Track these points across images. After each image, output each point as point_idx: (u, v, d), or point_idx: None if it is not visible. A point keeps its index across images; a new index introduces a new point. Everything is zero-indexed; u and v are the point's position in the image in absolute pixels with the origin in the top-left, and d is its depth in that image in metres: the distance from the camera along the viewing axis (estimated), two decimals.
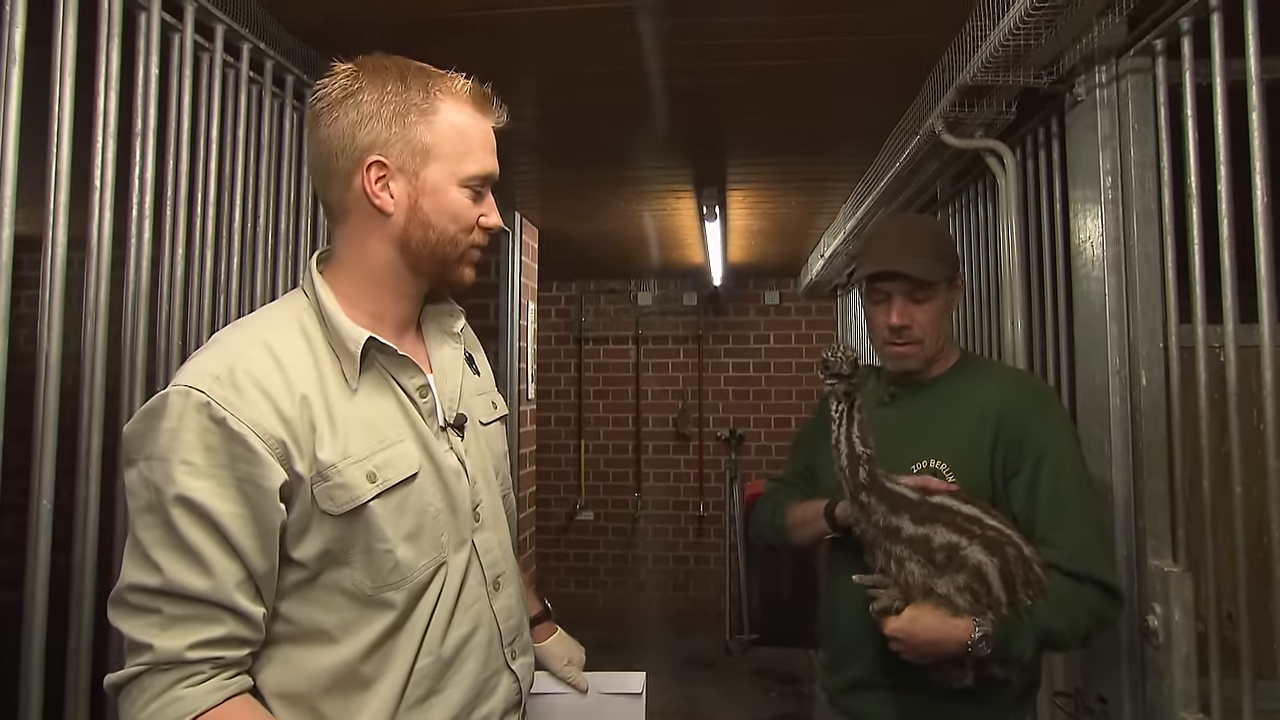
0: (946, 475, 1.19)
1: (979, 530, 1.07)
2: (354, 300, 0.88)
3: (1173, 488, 1.30)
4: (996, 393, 1.24)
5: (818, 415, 1.43)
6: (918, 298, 1.23)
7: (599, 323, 5.11)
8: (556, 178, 2.81)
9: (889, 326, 1.23)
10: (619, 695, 1.10)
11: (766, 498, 1.45)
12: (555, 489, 5.08)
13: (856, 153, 2.30)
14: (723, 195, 2.76)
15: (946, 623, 1.06)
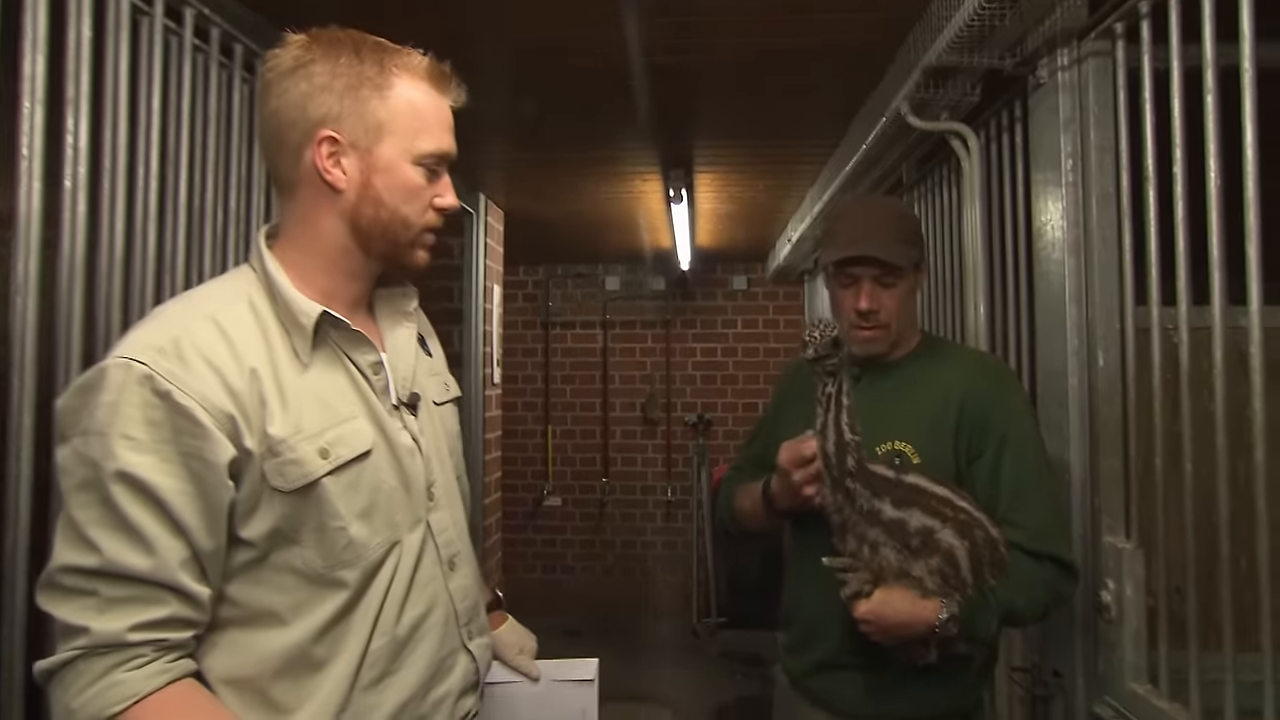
0: (911, 457, 1.20)
1: (951, 513, 1.09)
2: (305, 276, 0.86)
3: (1127, 467, 1.33)
4: (960, 375, 1.25)
5: (774, 399, 1.44)
6: (886, 282, 1.23)
7: (566, 307, 5.07)
8: (522, 158, 2.76)
9: (857, 311, 1.23)
10: (571, 682, 1.10)
11: (724, 484, 1.45)
12: (522, 475, 5.05)
13: (824, 135, 2.30)
14: (690, 178, 2.75)
15: (916, 604, 1.07)
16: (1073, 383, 1.43)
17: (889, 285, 1.23)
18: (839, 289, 1.27)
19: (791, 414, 1.33)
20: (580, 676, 1.10)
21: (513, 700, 1.08)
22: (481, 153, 2.68)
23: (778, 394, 1.45)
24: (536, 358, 5.09)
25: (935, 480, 1.13)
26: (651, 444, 5.02)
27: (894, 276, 1.23)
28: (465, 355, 3.03)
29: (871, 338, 1.25)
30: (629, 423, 5.03)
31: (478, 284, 3.05)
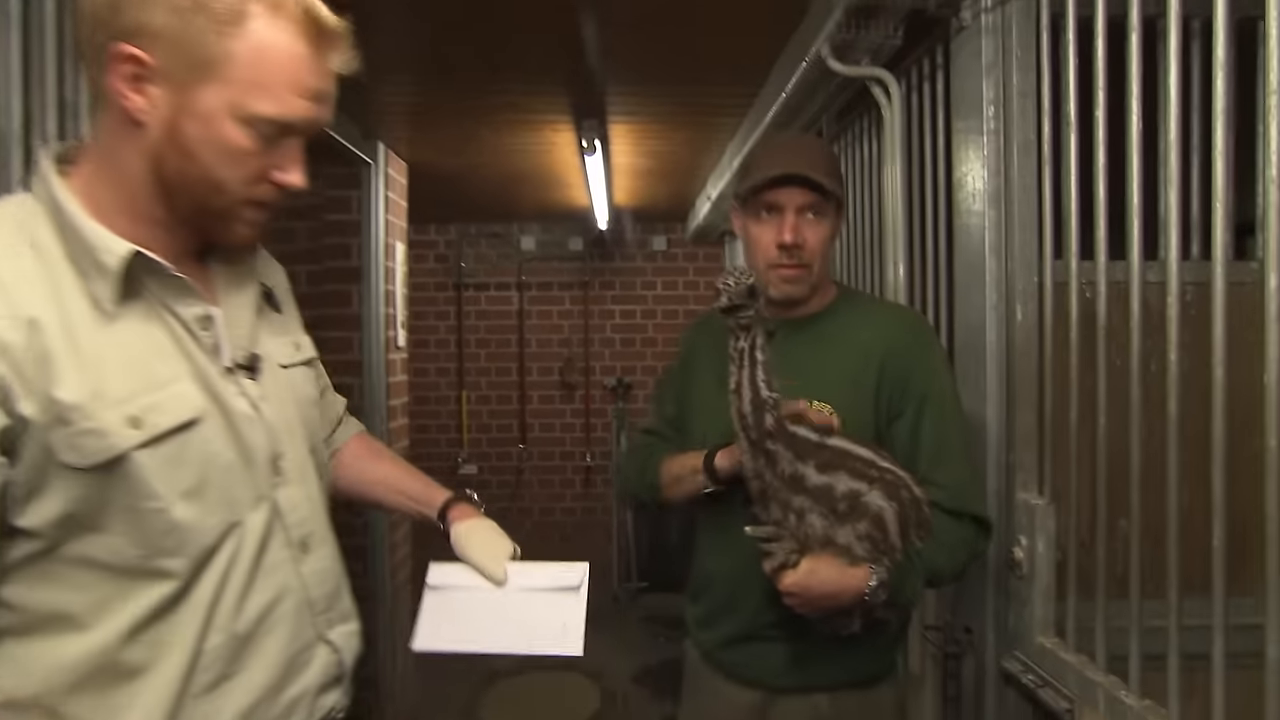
0: (831, 415, 1.13)
1: (876, 474, 1.03)
2: (105, 214, 0.70)
3: (1042, 422, 1.31)
4: (879, 332, 1.19)
5: (682, 356, 1.34)
6: (813, 214, 1.15)
7: (480, 268, 4.85)
8: (424, 104, 2.54)
9: (779, 244, 1.14)
10: (550, 591, 0.89)
11: (635, 451, 1.34)
12: (436, 443, 4.86)
13: (744, 82, 2.20)
14: (604, 129, 2.60)
15: (844, 573, 1.02)
16: (991, 338, 1.40)
17: (816, 218, 1.15)
18: (757, 224, 1.18)
19: (703, 371, 1.25)
20: (562, 584, 0.90)
21: (473, 610, 0.89)
22: (379, 96, 2.45)
23: (686, 348, 1.34)
24: (449, 321, 4.87)
25: (857, 441, 1.07)
26: (570, 409, 4.91)
27: (821, 209, 1.16)
28: (366, 317, 2.82)
29: (794, 276, 1.16)
30: (547, 387, 4.90)
31: (377, 241, 2.83)
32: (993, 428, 1.40)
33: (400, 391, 3.04)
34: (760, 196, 1.16)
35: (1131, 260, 1.06)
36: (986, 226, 1.39)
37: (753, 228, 1.19)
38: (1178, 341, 0.99)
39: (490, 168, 3.37)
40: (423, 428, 4.83)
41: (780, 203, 1.14)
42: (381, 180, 2.83)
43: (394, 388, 2.93)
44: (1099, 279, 1.14)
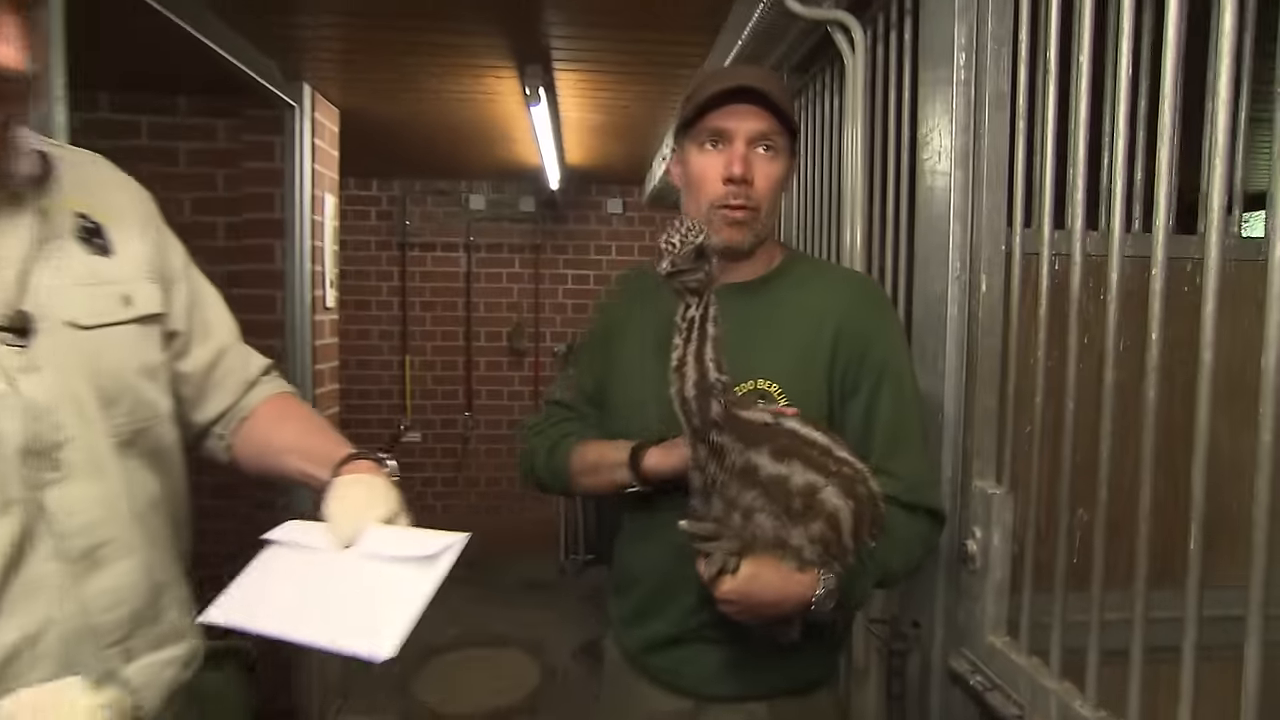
0: (779, 398, 1.00)
1: (834, 466, 0.88)
2: None
3: (1003, 404, 1.20)
4: (834, 299, 1.05)
5: (605, 320, 1.18)
6: (767, 145, 1.01)
7: (426, 227, 4.61)
8: (354, 42, 2.31)
9: (727, 178, 0.99)
10: (400, 563, 0.72)
11: (542, 427, 1.17)
12: (377, 409, 4.65)
13: (701, 29, 2.02)
14: (549, 76, 2.40)
15: (789, 580, 0.89)
16: (952, 311, 1.28)
17: (769, 154, 1.01)
18: (700, 154, 1.02)
19: (630, 337, 1.10)
20: (419, 552, 0.74)
21: (298, 580, 0.71)
22: (301, 32, 2.21)
23: (608, 312, 1.17)
24: (393, 281, 4.63)
25: (811, 424, 0.93)
26: (518, 376, 4.74)
27: (775, 144, 1.01)
28: (290, 274, 2.60)
29: (741, 219, 1.01)
30: (494, 353, 4.71)
31: (303, 192, 2.59)
32: (950, 409, 1.29)
33: (329, 355, 2.83)
34: (705, 122, 1.00)
35: (1112, 231, 0.94)
36: (952, 188, 1.26)
37: (695, 160, 1.02)
38: (1161, 320, 0.88)
39: (432, 117, 3.14)
40: (364, 393, 4.62)
41: (729, 129, 0.99)
42: (307, 125, 2.58)
43: (321, 351, 2.73)
44: (1073, 250, 1.02)
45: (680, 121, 1.05)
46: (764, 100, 0.99)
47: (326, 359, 2.81)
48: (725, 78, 1.00)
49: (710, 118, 1.00)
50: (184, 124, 2.62)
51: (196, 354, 0.87)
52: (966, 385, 1.27)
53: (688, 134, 1.04)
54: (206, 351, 0.88)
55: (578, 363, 1.19)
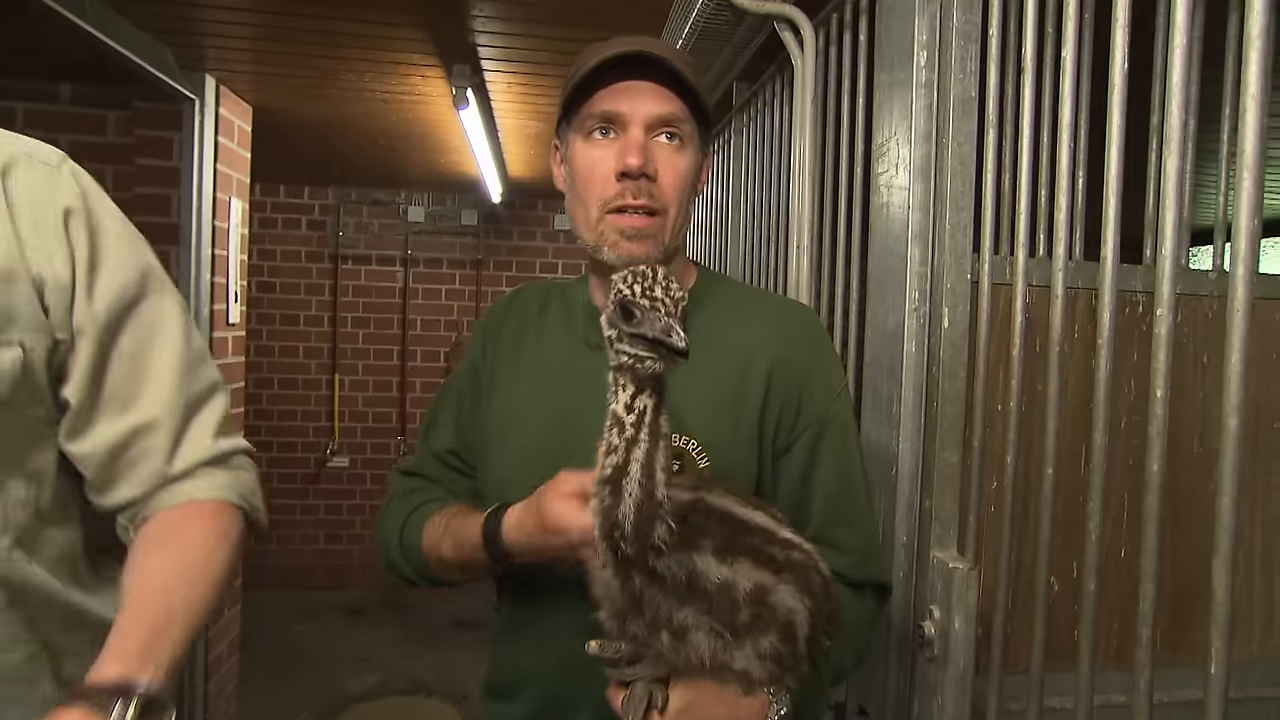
0: (699, 459, 0.80)
1: (781, 554, 0.68)
2: None
3: (967, 460, 1.02)
4: (764, 333, 0.85)
5: (474, 360, 0.94)
6: (667, 136, 0.80)
7: (360, 239, 4.34)
8: (260, 29, 2.07)
9: (621, 172, 0.78)
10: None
11: (392, 505, 0.92)
12: (303, 431, 4.33)
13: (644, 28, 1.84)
14: (478, 77, 2.20)
15: (734, 708, 0.67)
16: (910, 348, 1.10)
17: (674, 144, 0.80)
18: (587, 147, 0.81)
19: (520, 386, 0.88)
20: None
21: None
22: (202, 15, 1.96)
23: (487, 347, 0.94)
24: (323, 296, 4.33)
25: (741, 497, 0.72)
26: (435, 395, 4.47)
27: (682, 130, 0.81)
28: (184, 286, 2.32)
29: (641, 227, 0.80)
30: (431, 374, 4.44)
31: (203, 194, 2.33)
32: (905, 464, 1.11)
33: (230, 377, 2.54)
34: (591, 105, 0.79)
35: (1105, 260, 0.77)
36: (911, 206, 1.09)
37: (580, 153, 0.81)
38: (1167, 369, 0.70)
39: (361, 121, 2.90)
40: (287, 414, 4.30)
41: (621, 112, 0.79)
42: (210, 122, 2.33)
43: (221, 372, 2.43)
44: (1054, 281, 0.85)
45: (561, 106, 0.84)
46: (666, 74, 0.78)
47: (227, 381, 2.51)
48: (614, 44, 0.79)
49: (598, 99, 0.79)
50: (67, 113, 2.34)
51: (99, 432, 0.70)
52: (925, 436, 1.09)
53: (570, 122, 0.83)
54: (114, 430, 0.70)
55: (437, 417, 0.94)
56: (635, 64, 0.78)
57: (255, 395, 4.13)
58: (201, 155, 2.33)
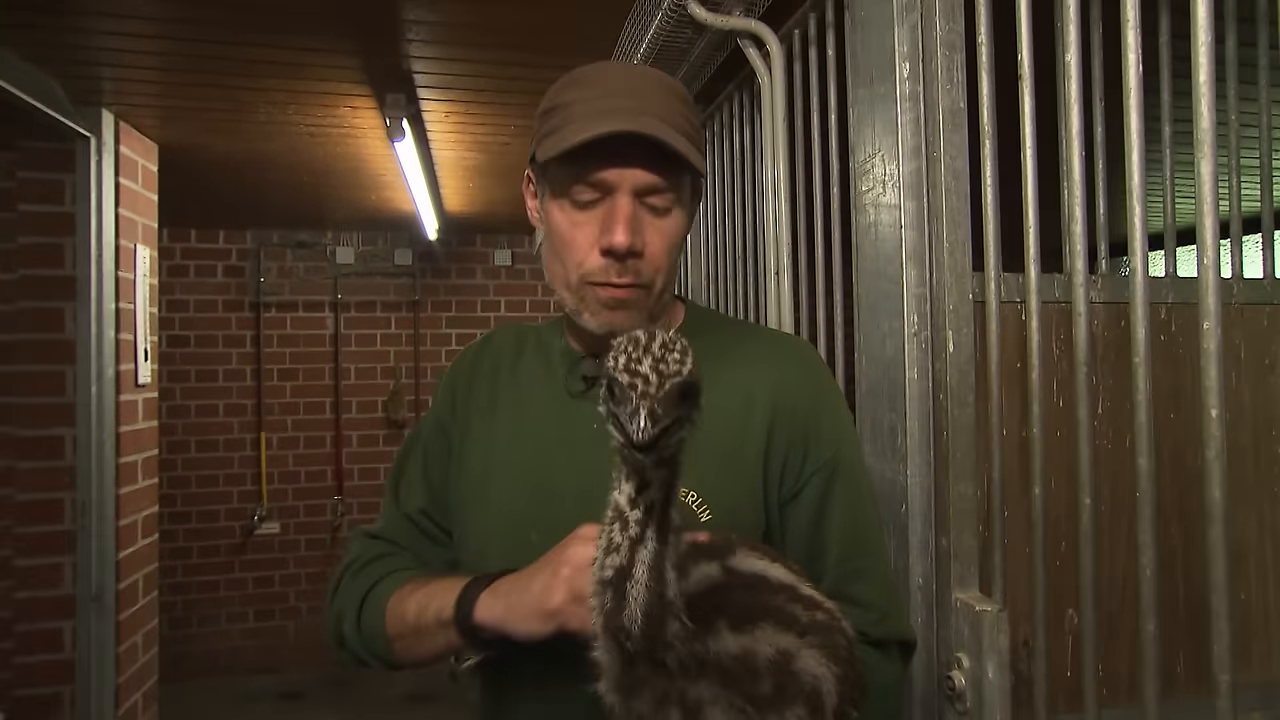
0: (699, 511, 0.73)
1: (804, 614, 0.62)
2: None
3: (988, 492, 0.98)
4: (762, 371, 0.81)
5: (454, 405, 0.87)
6: (658, 202, 0.75)
7: (285, 284, 4.15)
8: (168, 59, 1.95)
9: (607, 249, 0.72)
10: None
11: (357, 571, 0.83)
12: (226, 497, 4.07)
13: (589, 50, 1.80)
14: (414, 106, 2.12)
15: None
16: (911, 376, 1.06)
17: (660, 211, 0.75)
18: (568, 211, 0.75)
19: (495, 443, 0.81)
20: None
21: None
22: (97, 42, 1.83)
23: (456, 400, 0.86)
24: (244, 348, 4.11)
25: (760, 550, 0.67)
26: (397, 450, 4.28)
27: (668, 196, 0.75)
28: (83, 347, 2.14)
29: (625, 299, 0.75)
30: (369, 426, 4.25)
31: (103, 242, 2.16)
32: (916, 501, 1.06)
33: (141, 444, 2.35)
34: (575, 167, 0.73)
35: (1134, 272, 0.74)
36: (904, 225, 1.06)
37: (558, 217, 0.76)
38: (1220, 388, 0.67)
39: (284, 157, 2.77)
40: (207, 479, 4.04)
41: (608, 180, 0.73)
42: (110, 162, 2.17)
43: (129, 440, 2.25)
44: (1076, 299, 0.82)
45: (535, 150, 0.77)
46: (662, 150, 0.72)
47: (138, 448, 2.32)
48: (605, 107, 0.72)
49: (583, 161, 0.73)
50: None
51: None
52: (935, 470, 1.05)
53: (546, 175, 0.77)
54: None
55: (403, 476, 0.87)
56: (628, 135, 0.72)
57: (169, 462, 3.86)
58: (100, 199, 2.17)
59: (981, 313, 0.99)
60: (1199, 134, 0.66)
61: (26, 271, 2.12)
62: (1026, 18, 0.89)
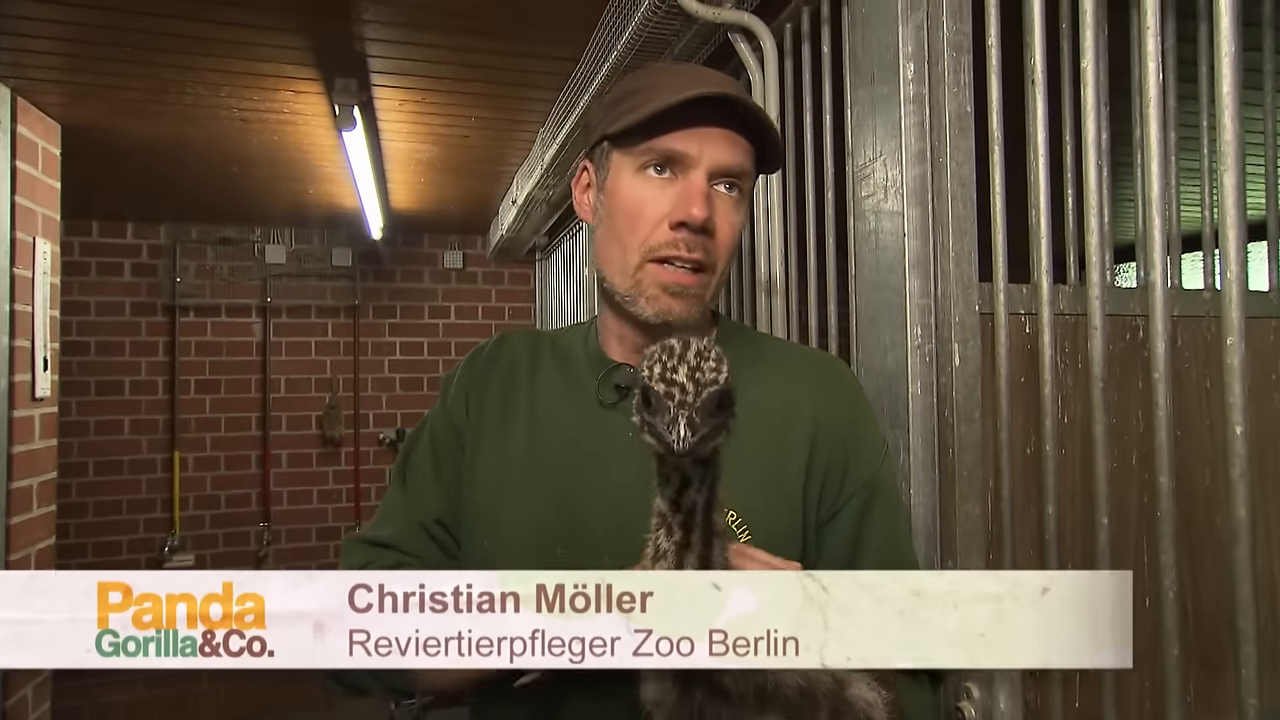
0: (739, 532, 0.77)
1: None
2: None
3: (997, 511, 1.02)
4: (803, 388, 0.85)
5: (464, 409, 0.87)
6: (729, 191, 0.80)
7: (204, 286, 4.06)
8: (76, 29, 1.90)
9: (681, 221, 0.77)
10: None
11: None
12: (130, 526, 3.94)
13: (562, 40, 1.82)
14: (366, 93, 2.12)
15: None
16: (914, 390, 1.10)
17: (733, 197, 0.80)
18: (640, 182, 0.80)
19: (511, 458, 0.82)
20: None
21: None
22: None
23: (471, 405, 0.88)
24: (156, 356, 4.00)
25: None
26: (334, 471, 4.22)
27: (740, 186, 0.81)
28: None
29: (690, 285, 0.79)
30: (301, 443, 4.17)
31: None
32: (920, 520, 1.10)
33: (37, 466, 2.26)
34: (655, 139, 0.78)
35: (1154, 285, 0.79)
36: (907, 233, 1.10)
37: (628, 186, 0.80)
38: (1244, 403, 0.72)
39: (210, 144, 2.73)
40: (109, 506, 3.90)
41: (689, 154, 0.78)
42: (4, 144, 2.11)
43: (24, 461, 2.17)
44: (1092, 311, 0.87)
45: (609, 128, 0.82)
46: (742, 119, 0.79)
47: (32, 472, 2.23)
48: (692, 80, 0.78)
49: (664, 133, 0.78)
50: None
51: None
52: (940, 490, 1.09)
53: (620, 147, 0.81)
54: None
55: (408, 477, 0.88)
56: (710, 103, 0.78)
57: (64, 486, 3.72)
58: None
59: (989, 325, 1.04)
60: (1223, 145, 0.71)
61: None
62: (1040, 19, 0.94)
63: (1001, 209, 1.01)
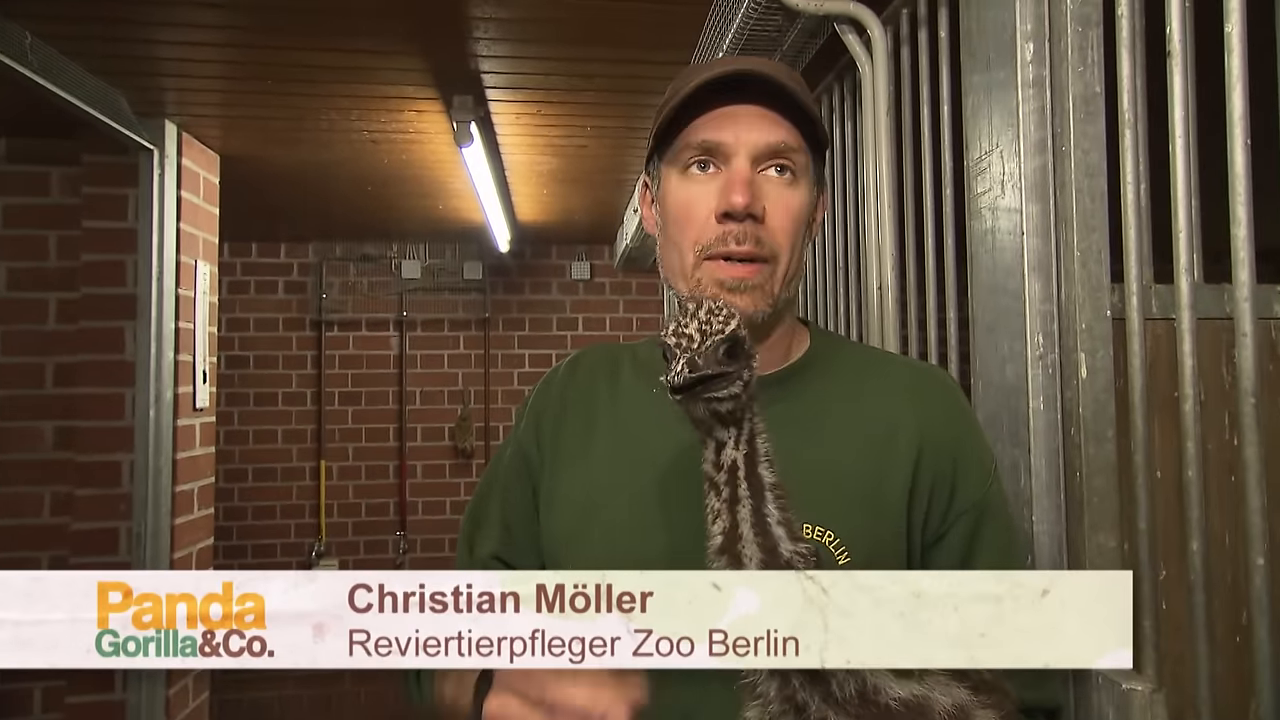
0: (837, 555, 0.75)
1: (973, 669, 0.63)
2: None
3: (1134, 546, 0.94)
4: (907, 402, 0.82)
5: (544, 429, 0.87)
6: (777, 170, 0.78)
7: (347, 301, 4.39)
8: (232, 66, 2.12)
9: (725, 212, 0.76)
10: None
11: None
12: (283, 530, 4.30)
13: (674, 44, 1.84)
14: (483, 109, 2.22)
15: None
16: (1036, 406, 1.03)
17: (784, 178, 0.78)
18: (684, 183, 0.80)
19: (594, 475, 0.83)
20: None
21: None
22: (154, 55, 2.01)
23: (542, 431, 0.88)
24: (305, 369, 4.36)
25: None
26: (465, 483, 4.43)
27: (795, 163, 0.79)
28: (142, 368, 2.32)
29: (746, 277, 0.77)
30: (435, 455, 4.41)
31: (164, 259, 2.36)
32: (1044, 551, 1.02)
33: (197, 471, 2.52)
34: (688, 134, 0.78)
35: None
36: (1025, 231, 1.03)
37: (674, 191, 0.80)
38: None
39: (346, 166, 2.95)
40: (264, 511, 4.28)
41: (724, 142, 0.77)
42: (172, 175, 2.37)
43: (186, 467, 2.42)
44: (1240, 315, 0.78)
45: (652, 137, 0.83)
46: (774, 95, 0.77)
47: (194, 476, 2.49)
48: (715, 65, 0.79)
49: (695, 126, 0.78)
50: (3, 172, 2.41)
51: None
52: (1067, 518, 1.01)
53: (663, 154, 0.83)
54: None
55: (475, 513, 0.90)
56: (739, 86, 0.77)
57: (226, 491, 4.12)
58: (162, 214, 2.37)
59: (1122, 331, 0.95)
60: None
61: (89, 290, 2.34)
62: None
63: (1134, 201, 0.93)
